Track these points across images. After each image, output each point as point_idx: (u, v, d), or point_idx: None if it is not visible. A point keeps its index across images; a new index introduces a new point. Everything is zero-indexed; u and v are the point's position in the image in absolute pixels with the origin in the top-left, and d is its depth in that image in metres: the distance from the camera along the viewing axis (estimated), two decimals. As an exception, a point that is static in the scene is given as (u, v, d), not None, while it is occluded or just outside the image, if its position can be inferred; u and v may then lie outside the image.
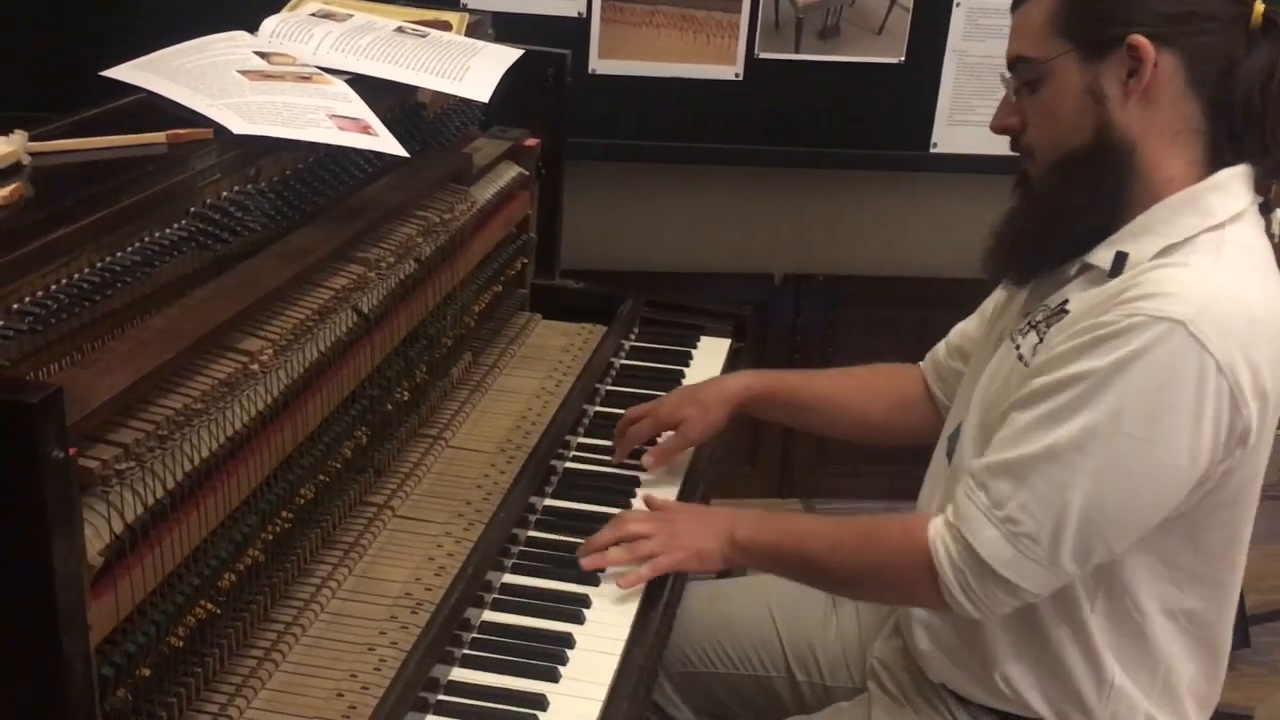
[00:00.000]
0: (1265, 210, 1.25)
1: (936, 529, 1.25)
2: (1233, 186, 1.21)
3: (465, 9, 2.10)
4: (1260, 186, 1.24)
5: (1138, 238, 1.21)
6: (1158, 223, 1.21)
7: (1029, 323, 1.28)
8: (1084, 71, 1.21)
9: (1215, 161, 1.22)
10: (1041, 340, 1.24)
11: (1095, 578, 1.25)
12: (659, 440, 1.61)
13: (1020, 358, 1.27)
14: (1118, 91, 1.20)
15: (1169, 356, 1.12)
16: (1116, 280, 1.19)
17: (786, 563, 1.37)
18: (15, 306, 0.92)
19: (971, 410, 1.35)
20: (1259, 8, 1.20)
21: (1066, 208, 1.23)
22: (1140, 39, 1.18)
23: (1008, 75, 1.28)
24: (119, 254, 1.03)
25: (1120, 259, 1.20)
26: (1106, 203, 1.22)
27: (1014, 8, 1.28)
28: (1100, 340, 1.14)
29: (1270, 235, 1.25)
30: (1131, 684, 1.28)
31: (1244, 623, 2.51)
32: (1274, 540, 2.64)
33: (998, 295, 1.46)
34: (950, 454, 1.39)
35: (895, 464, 1.69)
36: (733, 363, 1.92)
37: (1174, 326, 1.12)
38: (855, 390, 1.63)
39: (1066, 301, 1.24)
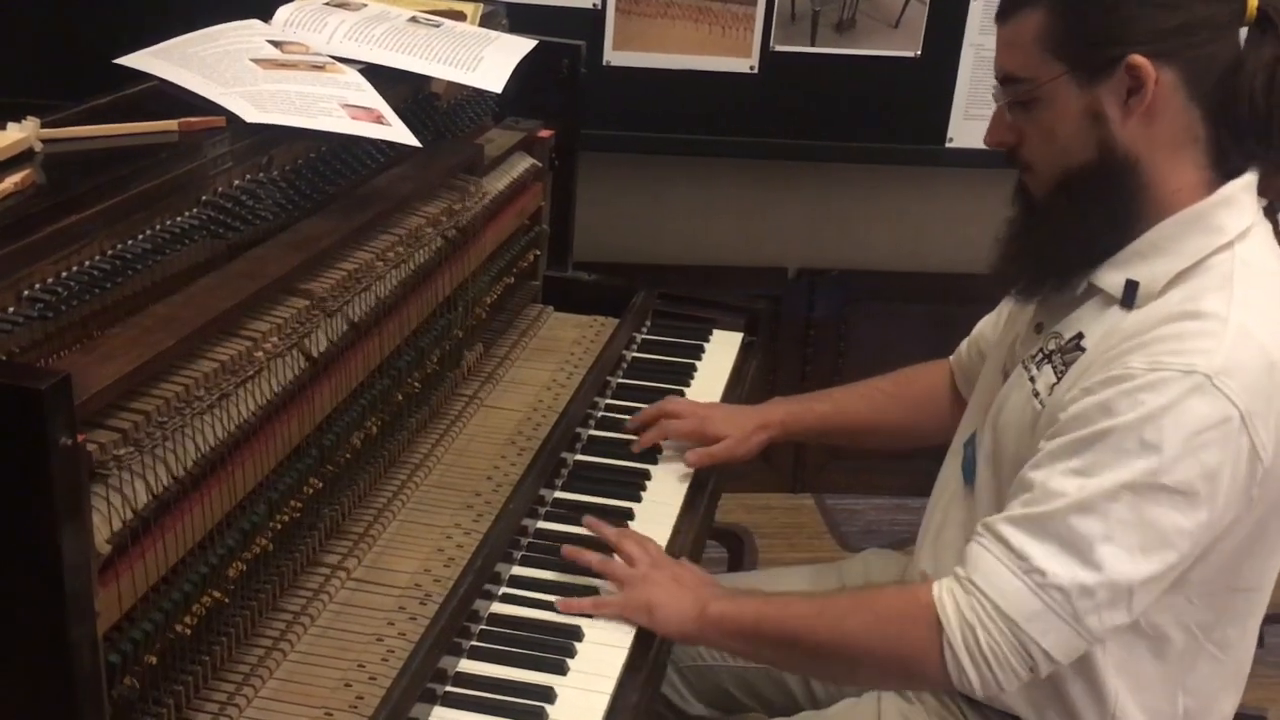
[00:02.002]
0: (1271, 213, 1.22)
1: (944, 585, 1.19)
2: (1240, 199, 1.19)
3: (480, -1, 2.10)
4: (1265, 188, 1.21)
5: (1147, 259, 1.18)
6: (1166, 241, 1.18)
7: (1043, 351, 1.26)
8: (1081, 94, 1.18)
9: (1220, 165, 1.20)
10: (1059, 380, 1.22)
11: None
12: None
13: (1036, 394, 1.24)
14: (1118, 111, 1.17)
15: (1199, 411, 1.10)
16: (1133, 318, 1.17)
17: (764, 634, 1.28)
18: (26, 293, 0.92)
19: (985, 429, 1.33)
20: (1253, 1, 1.17)
21: (1074, 227, 1.21)
22: (1140, 59, 1.14)
23: (998, 89, 1.24)
24: (130, 241, 1.03)
25: (1131, 288, 1.18)
26: (1114, 220, 1.20)
27: (1000, 19, 1.23)
28: (1127, 394, 1.12)
29: (1278, 235, 1.23)
30: (1139, 712, 1.26)
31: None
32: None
33: (1012, 299, 1.44)
34: (965, 465, 1.37)
35: (908, 460, 1.69)
36: (745, 357, 1.91)
37: (1202, 381, 1.10)
38: (887, 407, 1.62)
39: (1081, 336, 1.22)
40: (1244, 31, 1.19)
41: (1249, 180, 1.20)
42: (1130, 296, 1.18)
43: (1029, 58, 1.19)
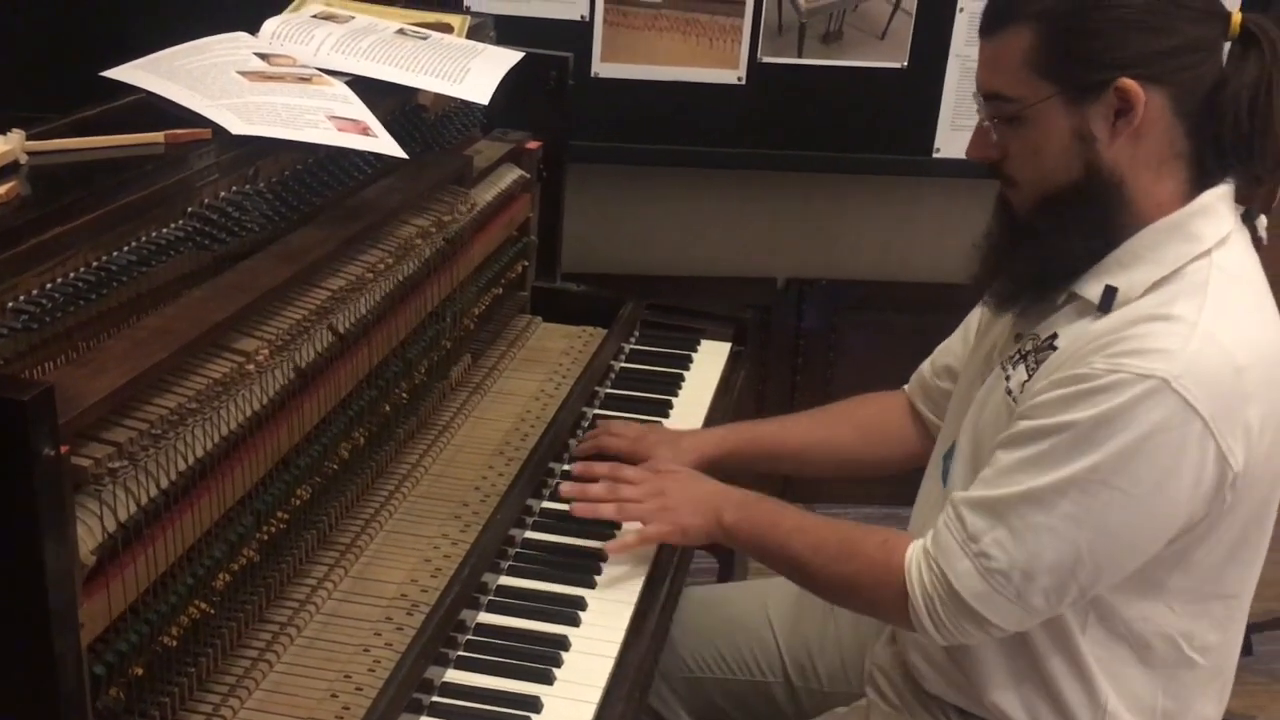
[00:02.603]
0: (1249, 219, 1.24)
1: (914, 553, 1.26)
2: (1218, 208, 1.20)
3: (468, 11, 2.11)
4: (1241, 196, 1.22)
5: (1126, 268, 1.19)
6: (1145, 250, 1.19)
7: (1019, 352, 1.27)
8: (1070, 114, 1.18)
9: (1201, 179, 1.21)
10: (1030, 377, 1.23)
11: (1084, 603, 1.24)
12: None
13: (1009, 391, 1.26)
14: (1106, 132, 1.17)
15: (1152, 414, 1.12)
16: (1105, 320, 1.18)
17: (768, 553, 1.39)
18: (10, 305, 0.92)
19: (963, 435, 1.34)
20: (1236, 17, 1.18)
21: (1058, 244, 1.22)
22: (1130, 83, 1.15)
23: (981, 102, 1.24)
24: (115, 253, 1.03)
25: (1110, 294, 1.19)
26: (1097, 236, 1.21)
27: (985, 33, 1.22)
28: (1085, 394, 1.14)
29: (1257, 241, 1.24)
30: (1127, 713, 1.27)
31: (1246, 630, 2.50)
32: (1276, 547, 2.63)
33: (981, 312, 1.45)
34: (945, 476, 1.39)
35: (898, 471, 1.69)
36: (733, 367, 1.92)
37: (1159, 385, 1.11)
38: (836, 428, 1.62)
39: (1056, 336, 1.23)
40: (1226, 48, 1.20)
41: (1225, 190, 1.21)
42: (1108, 302, 1.19)
43: (1016, 77, 1.19)
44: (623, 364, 1.87)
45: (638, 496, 1.41)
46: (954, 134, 2.51)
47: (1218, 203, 1.20)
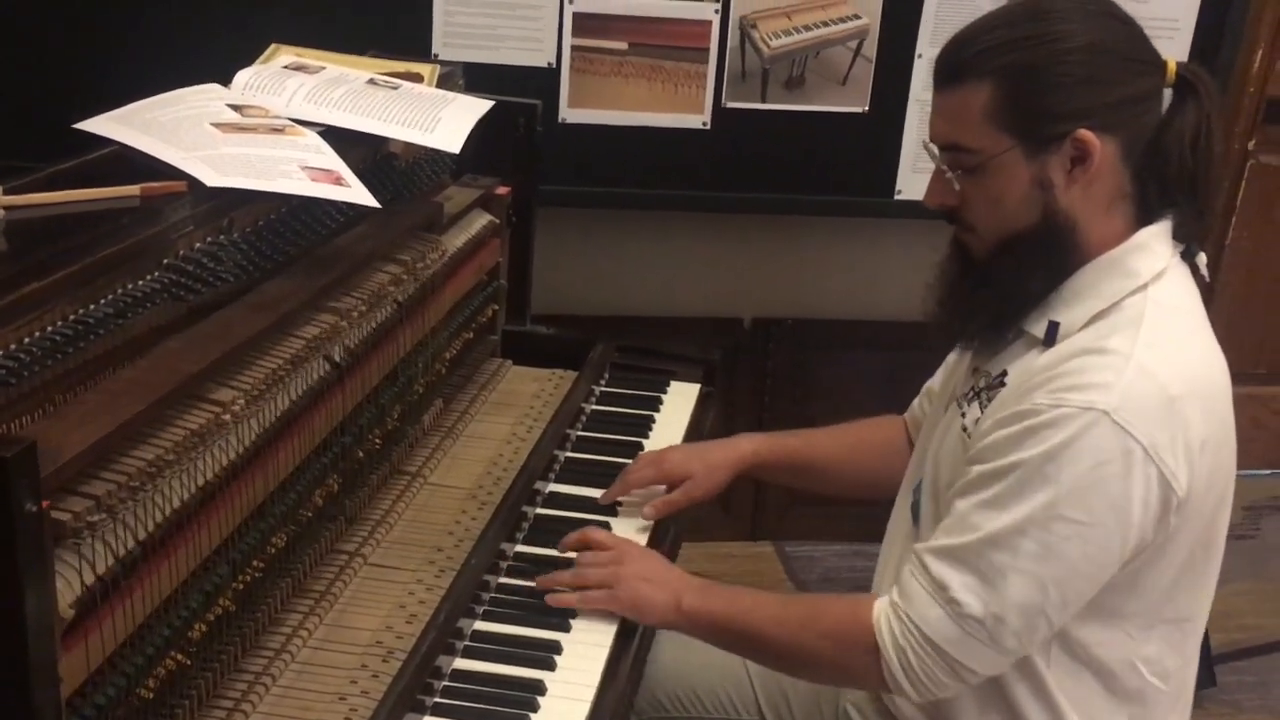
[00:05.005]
0: (1189, 256, 1.29)
1: (881, 608, 1.27)
2: (1154, 245, 1.25)
3: (437, 60, 2.13)
4: (1183, 234, 1.27)
5: (1069, 304, 1.25)
6: (1086, 287, 1.25)
7: (973, 389, 1.32)
8: (1030, 164, 1.22)
9: (1144, 217, 1.26)
10: (982, 413, 1.28)
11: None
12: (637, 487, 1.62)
13: (964, 428, 1.31)
14: (1063, 179, 1.22)
15: (1096, 445, 1.16)
16: (1046, 355, 1.23)
17: (731, 633, 1.37)
18: (-12, 360, 0.92)
19: (927, 470, 1.38)
20: (1171, 65, 1.25)
21: (1017, 286, 1.26)
22: (1087, 134, 1.20)
23: (936, 151, 1.28)
24: (92, 306, 1.03)
25: (1053, 329, 1.24)
26: (1052, 276, 1.26)
27: (941, 86, 1.26)
28: (1031, 430, 1.18)
29: (1199, 278, 1.29)
30: None
31: (1209, 661, 2.54)
32: (1238, 579, 2.67)
33: (955, 351, 1.49)
34: (915, 510, 1.41)
35: (866, 507, 1.71)
36: (702, 408, 1.94)
37: (1099, 416, 1.16)
38: (855, 448, 1.66)
39: (1005, 373, 1.28)
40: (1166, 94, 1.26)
41: (1161, 228, 1.27)
42: (1051, 336, 1.24)
43: (976, 130, 1.23)
44: (594, 406, 1.88)
45: (600, 562, 1.42)
46: (915, 176, 2.56)
47: (1153, 240, 1.26)
